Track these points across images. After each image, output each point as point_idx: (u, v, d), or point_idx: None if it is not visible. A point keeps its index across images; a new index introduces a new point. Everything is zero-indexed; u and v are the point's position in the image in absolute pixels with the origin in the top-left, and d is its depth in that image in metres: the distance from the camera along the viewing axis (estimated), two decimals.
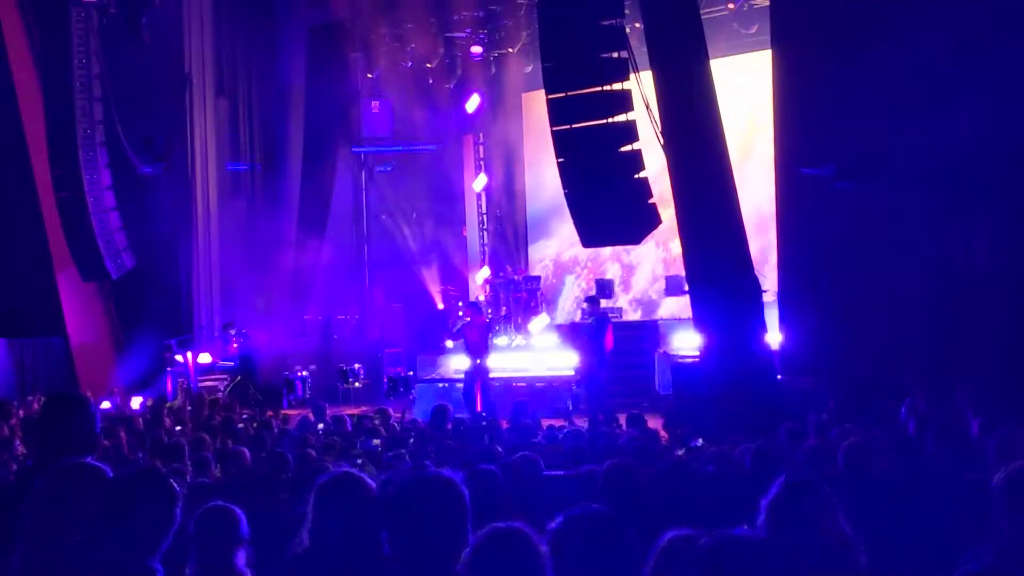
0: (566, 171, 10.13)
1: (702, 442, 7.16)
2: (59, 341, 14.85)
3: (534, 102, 16.21)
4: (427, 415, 10.03)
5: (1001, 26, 8.73)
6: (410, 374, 14.82)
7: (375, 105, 18.19)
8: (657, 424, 9.52)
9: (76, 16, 13.59)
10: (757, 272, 10.01)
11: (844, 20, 9.64)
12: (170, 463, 6.06)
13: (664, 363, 13.36)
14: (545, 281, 16.96)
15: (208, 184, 16.25)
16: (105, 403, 12.10)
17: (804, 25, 10.13)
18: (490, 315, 15.98)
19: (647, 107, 9.82)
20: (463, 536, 2.55)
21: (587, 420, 10.74)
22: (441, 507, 2.58)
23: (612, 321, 13.11)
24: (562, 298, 17.69)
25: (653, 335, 14.51)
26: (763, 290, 9.80)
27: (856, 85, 9.43)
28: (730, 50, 15.21)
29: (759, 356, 9.50)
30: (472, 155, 19.11)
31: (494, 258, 18.46)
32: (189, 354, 14.52)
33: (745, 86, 15.02)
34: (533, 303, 16.14)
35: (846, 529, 2.77)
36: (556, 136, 10.07)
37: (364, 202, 19.08)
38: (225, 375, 14.21)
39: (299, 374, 15.36)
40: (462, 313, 14.99)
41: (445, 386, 13.87)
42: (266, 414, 12.10)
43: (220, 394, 13.35)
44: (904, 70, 9.15)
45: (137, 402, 12.70)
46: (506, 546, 2.31)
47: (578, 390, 12.75)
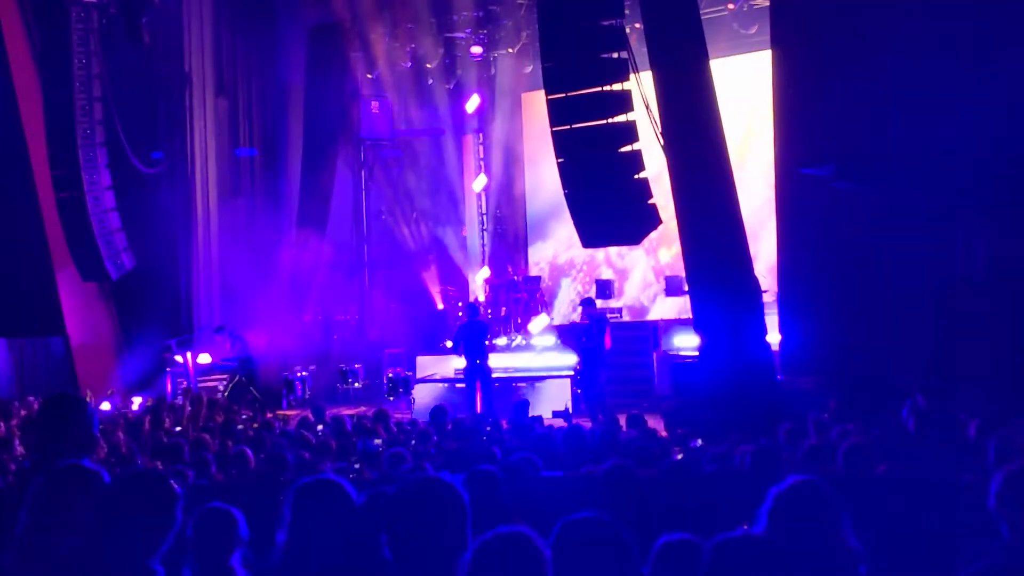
0: (566, 171, 10.12)
1: (702, 443, 7.16)
2: (59, 341, 14.83)
3: (534, 102, 16.21)
4: (427, 415, 10.02)
5: (1001, 26, 8.73)
6: (410, 374, 14.80)
7: (375, 105, 18.19)
8: (657, 424, 9.51)
9: (76, 16, 13.58)
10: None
11: (844, 20, 9.63)
12: (170, 464, 6.06)
13: (664, 363, 13.36)
14: (542, 283, 16.97)
15: (208, 184, 16.25)
16: (105, 404, 12.10)
17: (804, 25, 10.12)
18: (490, 315, 15.99)
19: (647, 107, 9.82)
20: (463, 540, 2.55)
21: (587, 420, 10.74)
22: (440, 511, 2.57)
23: (611, 321, 13.12)
24: (558, 301, 17.65)
25: (653, 335, 14.51)
26: (763, 290, 9.80)
27: (856, 85, 9.43)
28: (730, 50, 15.21)
29: (759, 356, 9.49)
30: (472, 155, 19.12)
31: (494, 258, 18.46)
32: (189, 354, 14.51)
33: (745, 86, 15.02)
34: (533, 303, 16.15)
35: (848, 531, 2.77)
36: (556, 136, 10.06)
37: (364, 202, 19.08)
38: (225, 375, 14.19)
39: (299, 374, 15.35)
40: (461, 314, 14.98)
41: (445, 386, 13.86)
42: (265, 415, 12.11)
43: (219, 395, 13.35)
44: (904, 70, 9.15)
45: (137, 402, 12.69)
46: (509, 549, 2.31)
47: (578, 390, 12.75)
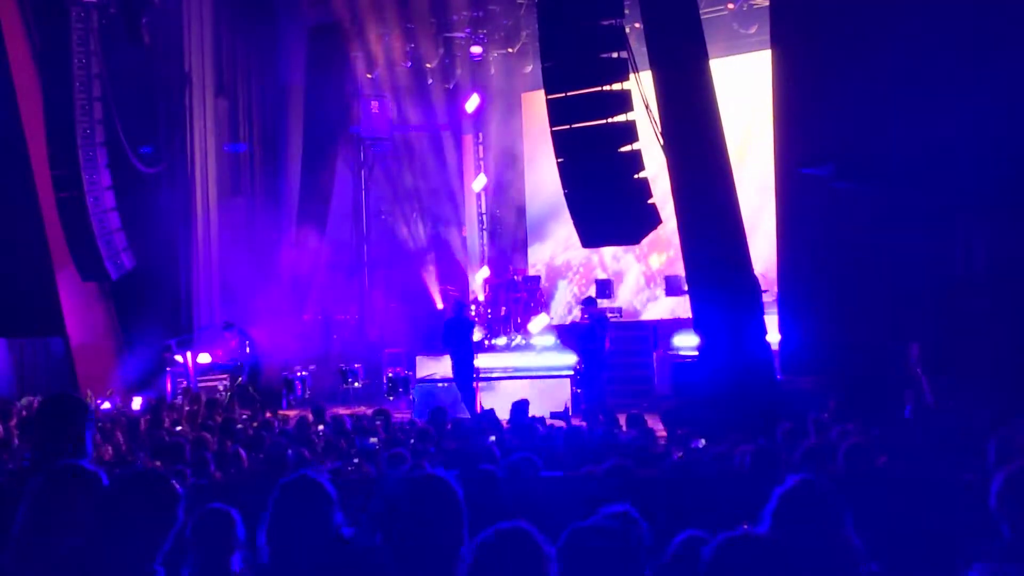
0: (566, 171, 10.11)
1: (703, 443, 7.16)
2: (59, 341, 14.82)
3: (534, 102, 16.20)
4: (426, 415, 10.02)
5: (1002, 25, 8.72)
6: (410, 374, 14.80)
7: (375, 105, 18.19)
8: (657, 424, 9.51)
9: (76, 16, 13.57)
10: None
11: (844, 20, 9.62)
12: (170, 463, 6.05)
13: (663, 363, 13.36)
14: (541, 283, 16.95)
15: (208, 184, 16.24)
16: (105, 403, 12.10)
17: (804, 25, 10.12)
18: (490, 315, 15.98)
19: (647, 107, 9.81)
20: (459, 534, 2.56)
21: (586, 420, 10.73)
22: (436, 506, 2.58)
23: (611, 321, 13.12)
24: (555, 303, 17.62)
25: (653, 335, 14.51)
26: (763, 290, 9.80)
27: (856, 85, 9.42)
28: (730, 50, 15.20)
29: (759, 356, 9.49)
30: (472, 155, 19.12)
31: (494, 258, 18.46)
32: (189, 354, 14.51)
33: (745, 86, 15.01)
34: (533, 303, 16.15)
35: (850, 531, 2.77)
36: (556, 136, 10.05)
37: (364, 202, 19.08)
38: (225, 375, 14.19)
39: (299, 374, 15.35)
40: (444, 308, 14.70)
41: (445, 386, 13.86)
42: (264, 415, 12.11)
43: (220, 394, 13.34)
44: (904, 70, 9.14)
45: (137, 402, 12.69)
46: (510, 546, 2.31)
47: (578, 390, 12.74)
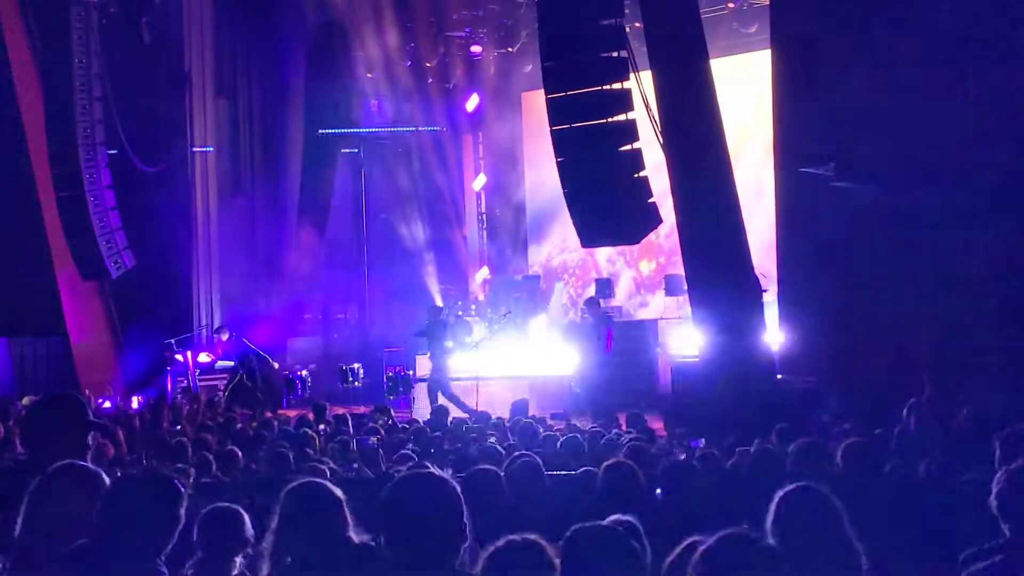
0: (565, 171, 10.10)
1: (703, 443, 7.16)
2: (59, 340, 14.83)
3: (534, 101, 16.19)
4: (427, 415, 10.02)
5: (1002, 25, 8.73)
6: (410, 373, 14.80)
7: (375, 104, 18.20)
8: (658, 425, 9.51)
9: (76, 15, 13.56)
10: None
11: (844, 19, 9.63)
12: (172, 463, 6.06)
13: (664, 363, 13.35)
14: (540, 283, 16.94)
15: (208, 183, 16.24)
16: (106, 403, 12.10)
17: (804, 24, 10.12)
18: (490, 314, 15.95)
19: (647, 107, 9.81)
20: (459, 532, 2.56)
21: (587, 420, 10.72)
22: (435, 504, 2.58)
23: (613, 321, 13.11)
24: (551, 305, 17.60)
25: (654, 335, 14.50)
26: (763, 289, 9.80)
27: (856, 84, 9.42)
28: (730, 49, 15.20)
29: (759, 356, 9.50)
30: (471, 154, 19.13)
31: (493, 258, 18.46)
32: (189, 353, 14.51)
33: (745, 85, 15.01)
34: (533, 303, 16.14)
35: (850, 533, 2.77)
36: (555, 136, 10.04)
37: (364, 201, 19.08)
38: (225, 375, 14.19)
39: (299, 373, 15.35)
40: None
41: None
42: (265, 414, 12.10)
43: (220, 394, 13.34)
44: (904, 69, 9.14)
45: (137, 401, 12.69)
46: (520, 558, 2.32)
47: (578, 390, 12.73)
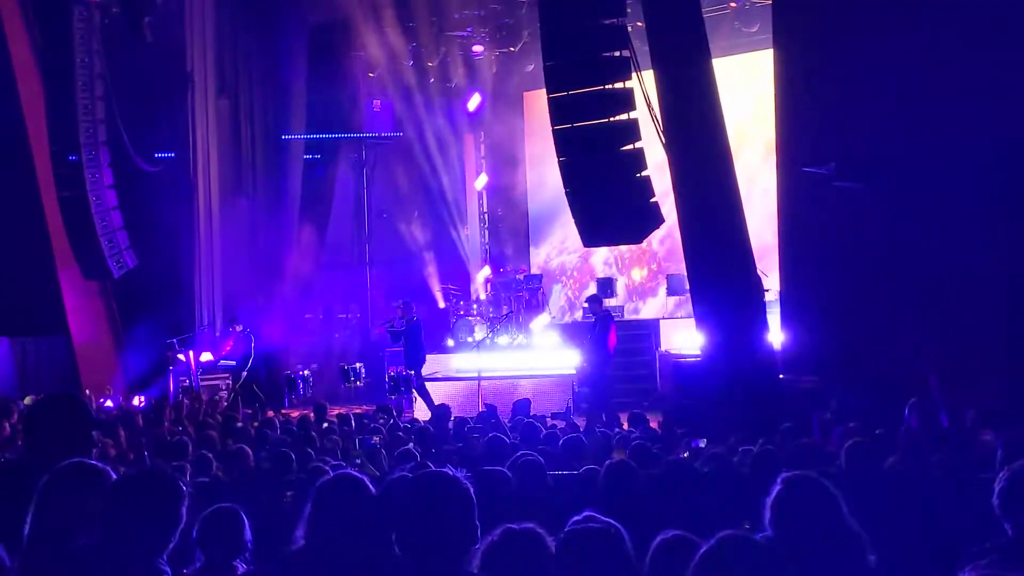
0: (567, 170, 10.11)
1: (704, 442, 7.16)
2: (61, 340, 14.85)
3: (535, 101, 16.21)
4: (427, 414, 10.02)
5: (1002, 25, 8.71)
6: (411, 373, 14.79)
7: (376, 104, 18.20)
8: (654, 425, 9.50)
9: (78, 15, 13.58)
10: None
11: (846, 19, 9.62)
12: (173, 462, 6.06)
13: (665, 362, 13.36)
14: (542, 282, 16.92)
15: (210, 183, 16.24)
16: (108, 402, 12.12)
17: (806, 24, 10.11)
18: (491, 314, 15.97)
19: (649, 106, 9.81)
20: (471, 532, 2.57)
21: (587, 420, 10.73)
22: (448, 504, 2.59)
23: (614, 319, 13.11)
24: (550, 306, 17.59)
25: (656, 334, 14.51)
26: (765, 289, 9.80)
27: (858, 84, 9.42)
28: (732, 49, 15.20)
29: (761, 355, 9.49)
30: (473, 154, 19.13)
31: (495, 257, 18.45)
32: (191, 353, 14.52)
33: (746, 85, 15.01)
34: (534, 302, 16.14)
35: (852, 525, 2.77)
36: (557, 135, 10.04)
37: (365, 201, 19.09)
38: (228, 374, 14.19)
39: (301, 373, 15.36)
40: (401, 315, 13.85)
41: (446, 384, 13.86)
42: (266, 413, 12.12)
43: (222, 393, 13.35)
44: (906, 69, 9.13)
45: (139, 401, 12.70)
46: (519, 546, 2.32)
47: (580, 389, 12.74)
